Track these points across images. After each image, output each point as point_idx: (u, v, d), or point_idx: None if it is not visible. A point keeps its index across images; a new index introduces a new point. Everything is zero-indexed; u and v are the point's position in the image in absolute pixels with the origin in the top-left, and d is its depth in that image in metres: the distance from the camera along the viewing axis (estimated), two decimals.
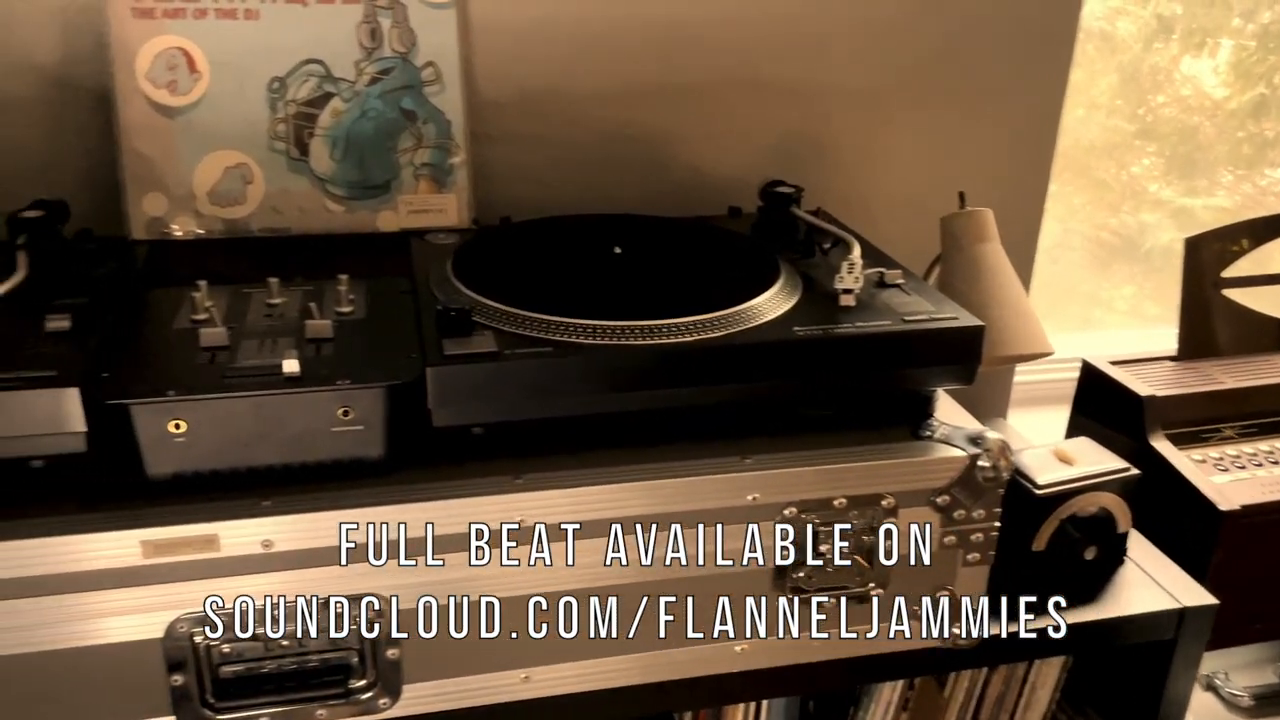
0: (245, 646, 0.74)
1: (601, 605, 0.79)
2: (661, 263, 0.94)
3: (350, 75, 1.02)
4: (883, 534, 0.82)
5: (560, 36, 1.10)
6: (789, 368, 0.80)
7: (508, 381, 0.76)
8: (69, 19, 0.99)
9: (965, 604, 0.86)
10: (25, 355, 0.72)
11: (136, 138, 0.98)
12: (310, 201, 1.03)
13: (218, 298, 0.84)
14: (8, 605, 0.68)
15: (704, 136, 1.17)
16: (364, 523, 0.73)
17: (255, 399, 0.72)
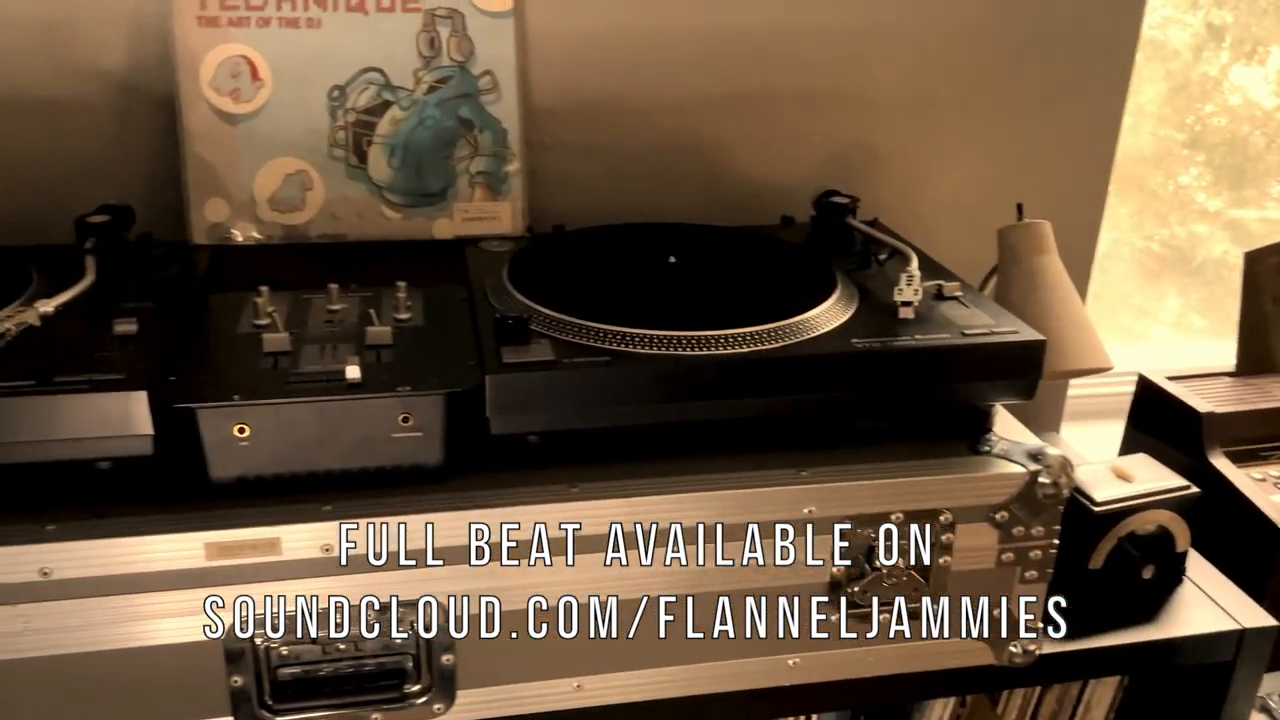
0: (303, 649, 0.74)
1: (655, 615, 0.79)
2: (716, 272, 0.94)
3: (409, 84, 1.03)
4: (939, 549, 0.81)
5: (616, 46, 1.10)
6: (846, 380, 0.79)
7: (565, 390, 0.76)
8: (136, 27, 1.01)
9: (1021, 622, 0.85)
10: (94, 358, 0.73)
11: (200, 144, 0.99)
12: (368, 209, 1.04)
13: (279, 303, 0.85)
14: (74, 604, 0.69)
15: (757, 146, 1.16)
16: (422, 529, 0.73)
17: (318, 404, 0.72)
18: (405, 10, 1.01)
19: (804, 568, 0.80)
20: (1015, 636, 0.85)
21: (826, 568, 0.80)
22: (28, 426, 0.69)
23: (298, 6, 0.99)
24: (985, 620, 0.85)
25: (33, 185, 1.04)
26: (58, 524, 0.69)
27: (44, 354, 0.73)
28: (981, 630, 0.85)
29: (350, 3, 1.00)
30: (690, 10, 1.11)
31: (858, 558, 0.81)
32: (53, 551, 0.68)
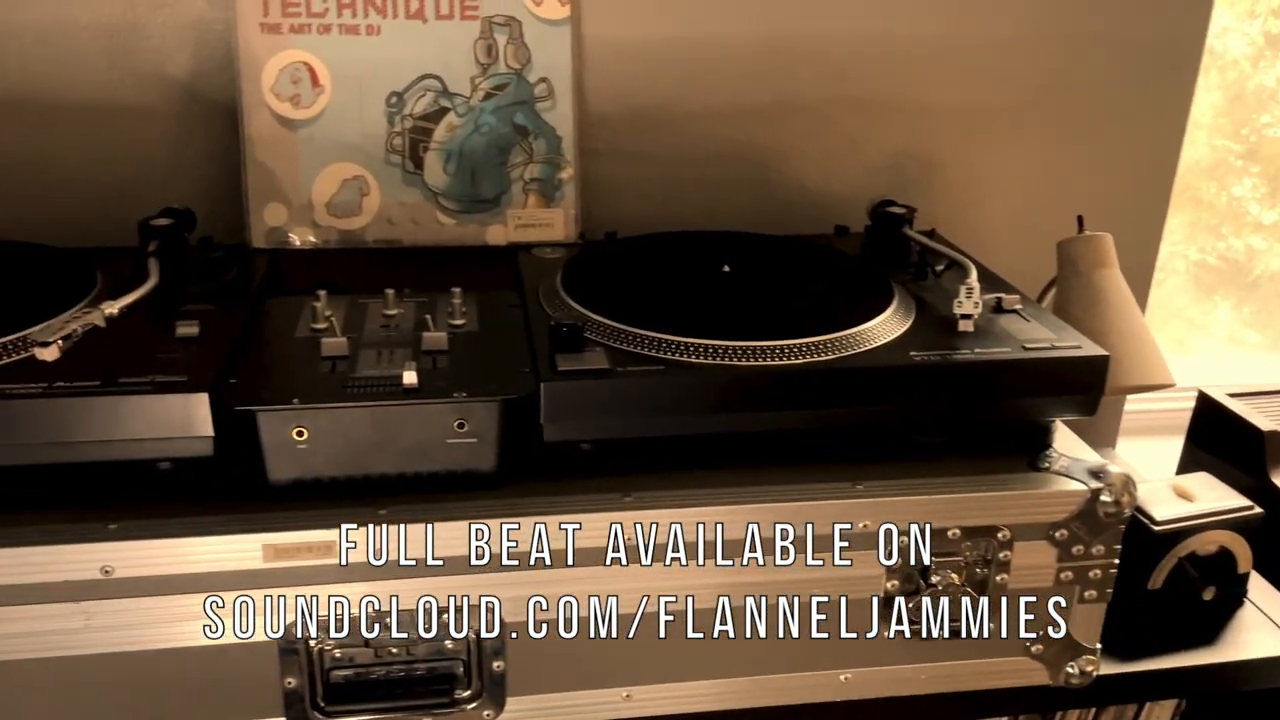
0: (356, 652, 0.75)
1: (706, 627, 0.78)
2: (771, 282, 0.93)
3: (465, 91, 1.03)
4: (996, 566, 0.80)
5: (671, 54, 1.10)
6: (904, 394, 0.79)
7: (619, 399, 0.76)
8: (199, 33, 1.02)
9: (1079, 642, 0.84)
10: (157, 360, 0.74)
11: (260, 149, 1.01)
12: (423, 214, 1.05)
13: (336, 307, 0.86)
14: (134, 603, 0.70)
15: (811, 154, 1.16)
16: (475, 535, 0.73)
17: (375, 409, 0.73)
18: (463, 17, 1.02)
19: (858, 582, 0.79)
20: (1072, 657, 0.84)
21: (880, 582, 0.79)
22: (92, 426, 0.70)
23: (358, 13, 1.00)
24: (1042, 640, 0.83)
25: (98, 188, 1.06)
26: (119, 523, 0.70)
27: (109, 355, 0.74)
28: (1038, 650, 0.83)
29: (410, 10, 1.01)
30: (745, 19, 1.11)
31: (912, 573, 0.79)
32: (114, 550, 0.69)
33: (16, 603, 0.69)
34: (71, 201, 1.05)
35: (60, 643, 0.70)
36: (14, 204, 1.04)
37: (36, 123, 1.03)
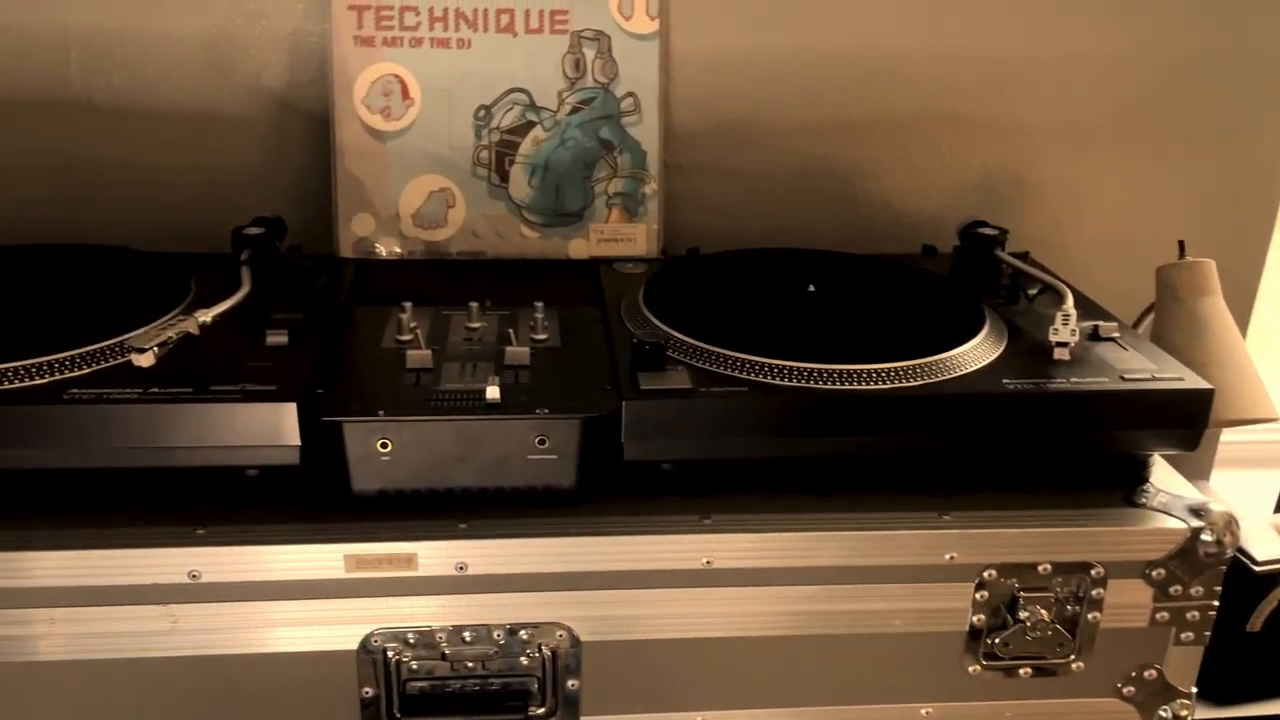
0: (433, 664, 0.75)
1: (783, 654, 0.77)
2: (857, 302, 0.92)
3: (552, 104, 1.04)
4: (1088, 604, 0.77)
5: (759, 69, 1.09)
6: (996, 423, 0.76)
7: (701, 419, 0.75)
8: (295, 45, 1.05)
9: (1173, 685, 0.80)
10: (247, 368, 0.76)
11: (350, 160, 1.02)
12: (507, 227, 1.05)
13: (420, 319, 0.87)
14: (219, 607, 0.71)
15: (899, 172, 1.14)
16: (554, 552, 0.73)
17: (458, 423, 0.73)
18: (553, 32, 1.02)
19: (943, 614, 0.76)
20: (1166, 701, 0.80)
21: (966, 616, 0.77)
22: (185, 432, 0.71)
23: (449, 27, 1.01)
24: (1134, 682, 0.80)
25: (193, 195, 1.08)
26: (208, 528, 0.71)
27: (201, 362, 0.75)
28: (1129, 692, 0.80)
29: (500, 24, 1.01)
30: (835, 33, 1.09)
31: (1000, 608, 0.77)
32: (202, 555, 0.70)
33: (107, 603, 0.70)
34: (168, 208, 1.08)
35: (147, 644, 0.71)
36: (115, 209, 1.07)
37: (138, 130, 1.06)
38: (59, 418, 0.70)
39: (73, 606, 0.70)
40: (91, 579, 0.70)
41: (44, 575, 0.69)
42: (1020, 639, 0.77)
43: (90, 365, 0.74)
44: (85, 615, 0.70)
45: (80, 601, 0.70)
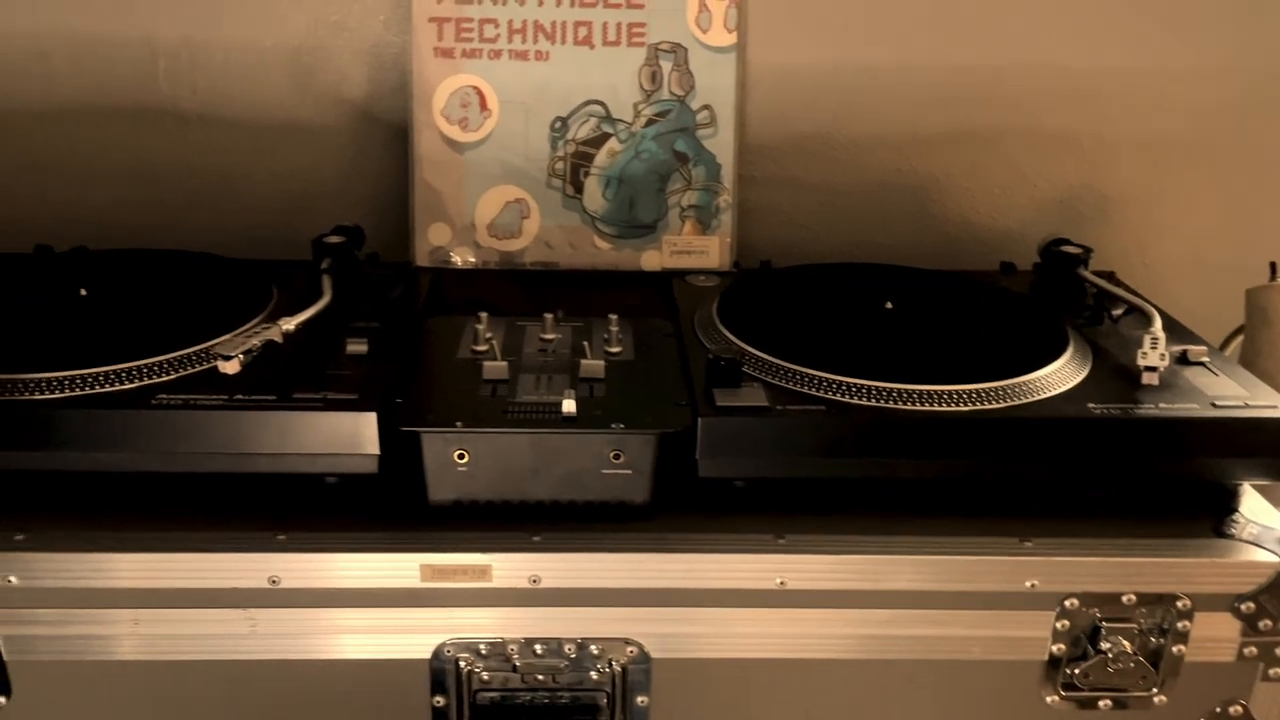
0: (504, 676, 0.75)
1: (855, 677, 0.76)
2: (936, 321, 0.90)
3: (628, 116, 1.04)
4: (1173, 637, 0.75)
5: (835, 81, 1.08)
6: (1081, 448, 0.75)
7: (777, 438, 0.74)
8: (376, 56, 1.06)
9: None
10: (328, 376, 0.77)
11: (428, 170, 1.03)
12: (580, 238, 1.06)
13: (495, 329, 0.87)
14: (297, 613, 0.72)
15: (978, 187, 1.12)
16: (627, 568, 0.73)
17: (534, 436, 0.73)
18: (630, 44, 1.02)
19: (1021, 643, 0.75)
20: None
21: (1046, 645, 0.75)
22: (267, 439, 0.72)
23: (528, 39, 1.02)
24: (1218, 718, 0.77)
25: (272, 202, 1.10)
26: (288, 534, 0.72)
27: (283, 369, 0.76)
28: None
29: (578, 36, 1.02)
30: (914, 47, 1.08)
31: (1080, 638, 0.75)
32: (282, 561, 0.71)
33: (189, 606, 0.72)
34: (248, 215, 1.10)
35: (226, 647, 0.73)
36: (197, 215, 1.10)
37: (222, 139, 1.08)
38: (147, 422, 0.72)
39: (155, 608, 0.72)
40: (175, 581, 0.71)
41: (128, 577, 0.71)
42: (1101, 670, 0.75)
43: (177, 371, 0.76)
44: (168, 617, 0.72)
45: (163, 603, 0.72)
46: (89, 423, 0.72)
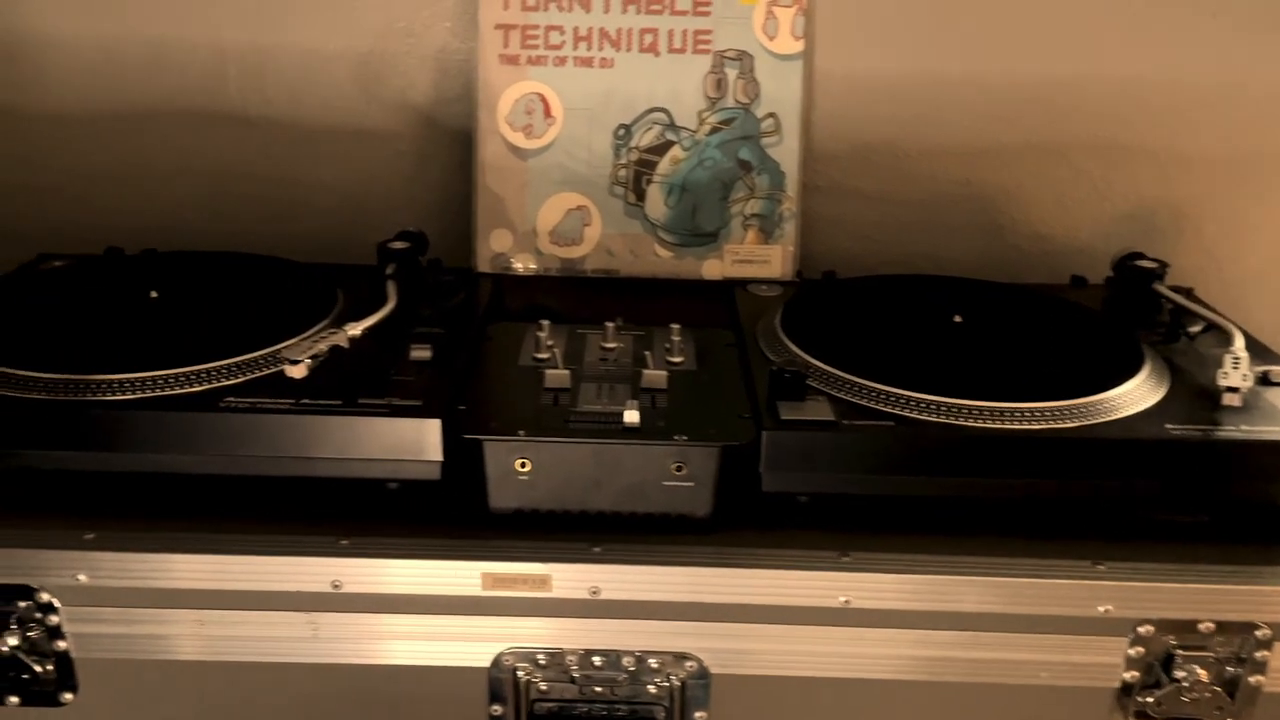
0: (562, 687, 0.75)
1: (918, 701, 0.74)
2: (1006, 335, 0.88)
3: (692, 124, 1.03)
4: (1251, 667, 0.72)
5: (904, 90, 1.06)
6: (1158, 470, 0.72)
7: (843, 453, 0.73)
8: (441, 63, 1.07)
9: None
10: (392, 382, 0.77)
11: (491, 176, 1.03)
12: (641, 246, 1.05)
13: (556, 337, 0.87)
14: (358, 617, 0.73)
15: (1048, 200, 1.09)
16: (687, 582, 0.72)
17: (596, 446, 0.73)
18: (695, 51, 1.02)
19: (1093, 669, 0.73)
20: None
21: (1118, 672, 0.73)
22: (332, 444, 0.73)
23: (593, 46, 1.01)
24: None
25: (336, 207, 1.11)
26: (350, 539, 0.72)
27: (348, 374, 0.76)
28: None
29: (644, 43, 1.01)
30: (984, 56, 1.06)
31: (1154, 665, 0.73)
32: (345, 565, 0.71)
33: (253, 608, 0.72)
34: (313, 219, 1.11)
35: (288, 650, 0.73)
36: (262, 219, 1.11)
37: (289, 143, 1.10)
38: (214, 425, 0.72)
39: (219, 610, 0.72)
40: (239, 584, 0.71)
41: (193, 578, 0.71)
42: (1175, 699, 0.73)
43: (244, 375, 0.76)
44: (231, 619, 0.72)
45: (226, 605, 0.72)
46: (158, 424, 0.72)
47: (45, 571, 0.71)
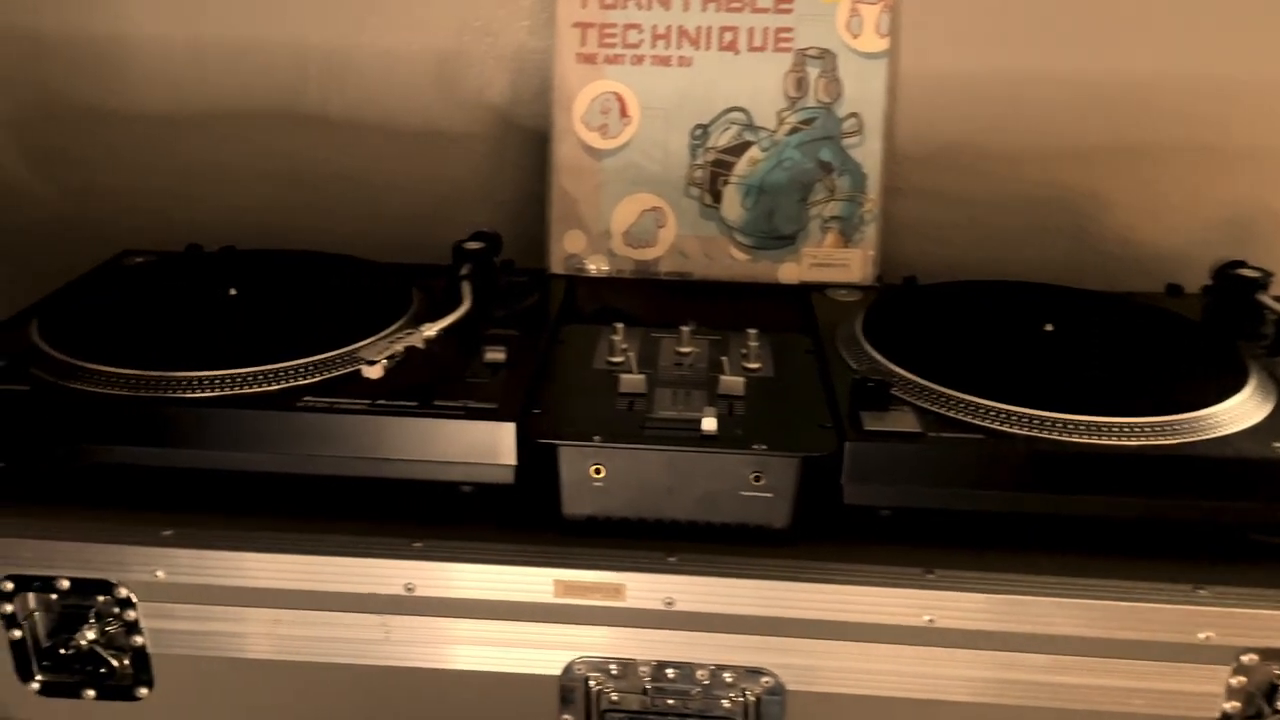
0: (633, 698, 0.73)
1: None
2: (1100, 346, 0.84)
3: (771, 124, 1.01)
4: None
5: (992, 89, 1.03)
6: (1265, 490, 0.69)
7: (930, 466, 0.71)
8: (519, 62, 1.06)
9: None
10: (467, 384, 0.76)
11: (566, 177, 1.02)
12: (716, 248, 1.03)
13: (631, 340, 0.85)
14: (430, 621, 0.72)
15: (1141, 205, 1.05)
16: (763, 595, 0.70)
17: (673, 454, 0.71)
18: (776, 50, 0.99)
19: (1191, 698, 0.69)
20: None
21: (1218, 703, 0.69)
22: (407, 445, 0.72)
23: (671, 45, 1.00)
24: None
25: (411, 207, 1.11)
26: (424, 542, 0.72)
27: (423, 375, 0.76)
28: None
29: (723, 41, 0.99)
30: (1075, 55, 1.02)
31: (1255, 696, 0.69)
32: (418, 569, 0.71)
33: (326, 609, 0.72)
34: (388, 218, 1.11)
35: (360, 651, 0.73)
36: (342, 218, 1.12)
37: (366, 143, 1.10)
38: (291, 424, 0.72)
39: (292, 609, 0.72)
40: (313, 584, 0.71)
41: (268, 577, 0.71)
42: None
43: (321, 374, 0.76)
44: (304, 619, 0.72)
45: (299, 605, 0.72)
46: (235, 423, 0.73)
47: (124, 567, 0.72)
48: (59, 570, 0.72)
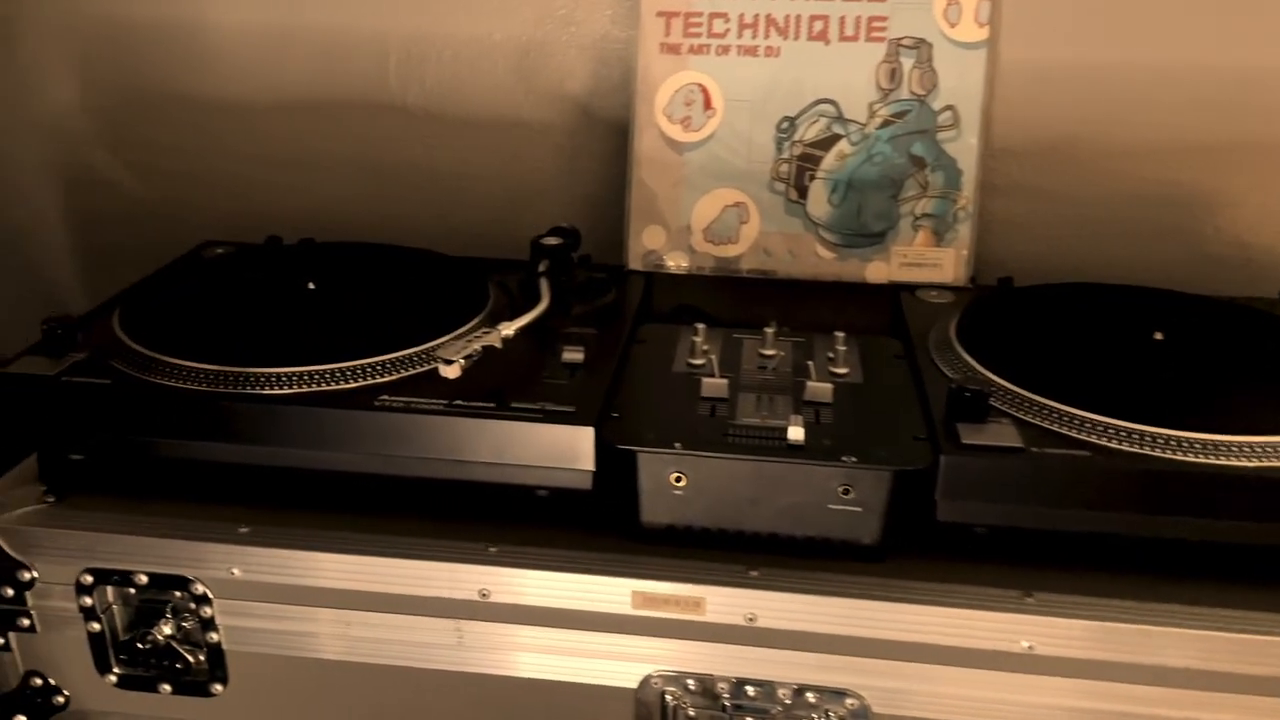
0: (713, 715, 0.71)
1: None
2: (1217, 357, 0.79)
3: (861, 117, 0.97)
4: None
5: (1097, 80, 0.98)
6: None
7: (1031, 483, 0.67)
8: (600, 52, 1.04)
9: None
10: (545, 385, 0.74)
11: (646, 170, 0.99)
12: (801, 246, 0.99)
13: (711, 341, 0.83)
14: (504, 628, 0.70)
15: (1258, 205, 0.99)
16: (849, 614, 0.67)
17: (758, 464, 0.68)
18: (869, 39, 0.95)
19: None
20: None
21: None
22: (484, 447, 0.70)
23: (759, 34, 0.96)
24: None
25: (489, 199, 1.10)
26: (499, 547, 0.70)
27: (500, 376, 0.74)
28: None
29: (813, 31, 0.96)
30: (1185, 45, 0.96)
31: None
32: (493, 574, 0.69)
33: (399, 611, 0.71)
34: (466, 211, 1.10)
35: (432, 656, 0.71)
36: (421, 210, 1.11)
37: (446, 134, 1.08)
38: (368, 423, 0.71)
39: (366, 610, 0.71)
40: (387, 586, 0.70)
41: (343, 578, 0.70)
42: None
43: (398, 372, 0.75)
44: (378, 621, 0.71)
45: (373, 607, 0.71)
46: (314, 421, 0.72)
47: (201, 564, 0.71)
48: (137, 565, 0.72)
